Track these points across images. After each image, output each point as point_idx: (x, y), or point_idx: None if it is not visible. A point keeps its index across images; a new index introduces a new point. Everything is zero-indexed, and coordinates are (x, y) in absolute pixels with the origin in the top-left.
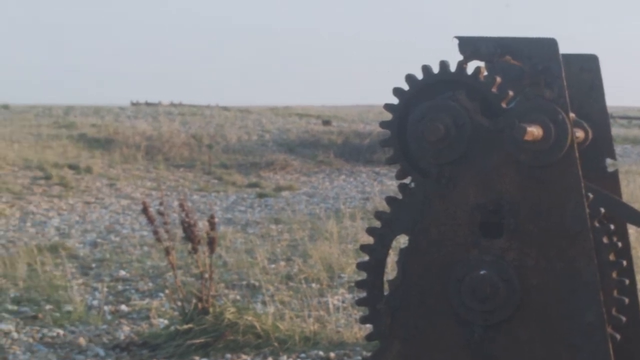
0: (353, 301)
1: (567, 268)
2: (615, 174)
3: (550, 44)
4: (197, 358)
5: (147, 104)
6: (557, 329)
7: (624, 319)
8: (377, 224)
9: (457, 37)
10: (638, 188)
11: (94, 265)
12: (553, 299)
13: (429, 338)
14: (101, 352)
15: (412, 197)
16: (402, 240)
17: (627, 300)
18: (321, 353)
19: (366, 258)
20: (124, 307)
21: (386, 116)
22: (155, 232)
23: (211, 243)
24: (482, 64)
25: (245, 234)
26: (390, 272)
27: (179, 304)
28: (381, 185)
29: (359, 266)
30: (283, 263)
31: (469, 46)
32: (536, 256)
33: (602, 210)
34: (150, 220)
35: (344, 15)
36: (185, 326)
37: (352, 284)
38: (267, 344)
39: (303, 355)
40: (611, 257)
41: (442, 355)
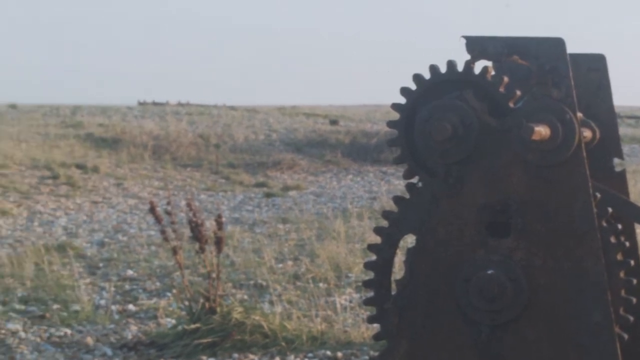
0: (360, 301)
1: (575, 268)
2: (622, 174)
3: (557, 44)
4: (204, 358)
5: (155, 103)
6: (565, 328)
7: (631, 318)
8: (384, 223)
9: (465, 37)
10: None
11: (101, 264)
12: (560, 298)
13: (436, 338)
14: (109, 351)
15: (419, 197)
16: (409, 240)
17: (634, 300)
18: (328, 353)
19: (373, 258)
20: (131, 306)
21: (393, 116)
22: (162, 232)
23: (218, 243)
24: (489, 63)
25: (253, 234)
26: (398, 271)
27: (187, 303)
28: (388, 184)
29: (367, 266)
30: (290, 262)
31: (477, 46)
32: (544, 256)
33: (610, 209)
34: (158, 219)
35: (345, 15)
36: (193, 326)
37: (360, 284)
38: (274, 343)
39: (310, 354)
40: (619, 256)
41: (450, 354)
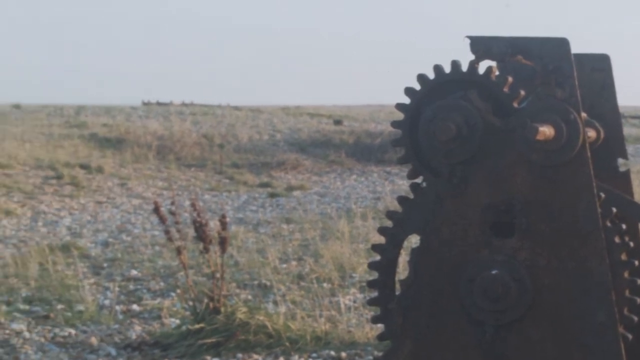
0: (364, 301)
1: (579, 268)
2: (627, 174)
3: (561, 44)
4: (208, 358)
5: (159, 103)
6: (569, 328)
7: (635, 318)
8: (388, 223)
9: (469, 37)
10: None
11: (105, 264)
12: (565, 298)
13: (440, 338)
14: (113, 351)
15: (423, 197)
16: (413, 240)
17: (639, 300)
18: (332, 353)
19: (377, 258)
20: (135, 306)
21: (397, 116)
22: (166, 232)
23: (222, 243)
24: (493, 63)
25: (257, 234)
26: (402, 271)
27: (191, 303)
28: (392, 184)
29: (371, 266)
30: (294, 263)
31: (481, 46)
32: (548, 256)
33: (614, 209)
34: (162, 219)
35: (345, 15)
36: (197, 326)
37: (364, 284)
38: (278, 343)
39: (314, 355)
40: (623, 256)
41: (454, 355)
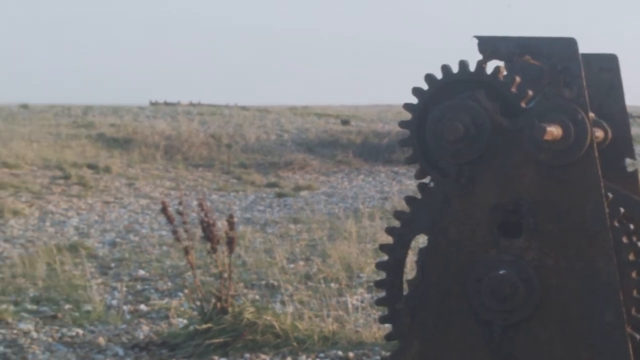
0: (372, 301)
1: (587, 268)
2: (634, 174)
3: (569, 44)
4: (216, 358)
5: (166, 103)
6: (577, 328)
7: None
8: (396, 223)
9: (477, 37)
10: None
11: (113, 264)
12: (572, 298)
13: (448, 338)
14: (120, 351)
15: (431, 197)
16: (421, 240)
17: None
18: (340, 353)
19: (385, 258)
20: (143, 306)
21: (405, 116)
22: (174, 232)
23: (230, 243)
24: (501, 63)
25: (264, 234)
26: (410, 271)
27: (198, 303)
28: (400, 184)
29: (378, 266)
30: (302, 263)
31: (489, 46)
32: (555, 256)
33: (622, 209)
34: (170, 219)
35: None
36: (204, 326)
37: (371, 284)
38: (286, 343)
39: (322, 355)
40: (631, 256)
41: (462, 355)
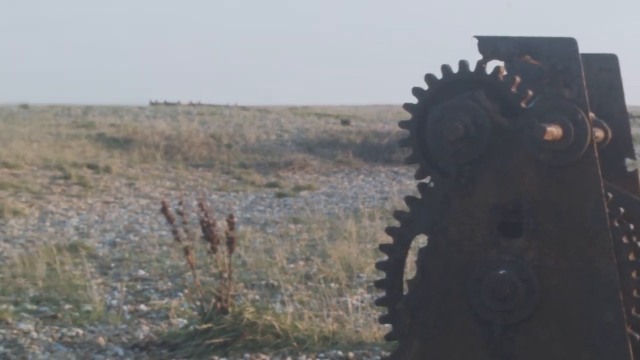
0: (372, 301)
1: (587, 268)
2: (634, 174)
3: (569, 44)
4: (216, 358)
5: (166, 103)
6: (577, 328)
7: None
8: (396, 223)
9: (477, 37)
10: None
11: (113, 264)
12: (572, 298)
13: (448, 338)
14: (120, 351)
15: (431, 197)
16: (421, 240)
17: None
18: (340, 353)
19: (385, 258)
20: (143, 306)
21: (405, 116)
22: (174, 232)
23: (230, 243)
24: (501, 63)
25: (264, 234)
26: (410, 271)
27: (198, 303)
28: (400, 184)
29: (378, 266)
30: (302, 263)
31: (489, 46)
32: (555, 256)
33: (622, 209)
34: (170, 219)
35: (347, 15)
36: (204, 326)
37: (371, 284)
38: (286, 343)
39: (322, 355)
40: (631, 256)
41: (462, 355)
